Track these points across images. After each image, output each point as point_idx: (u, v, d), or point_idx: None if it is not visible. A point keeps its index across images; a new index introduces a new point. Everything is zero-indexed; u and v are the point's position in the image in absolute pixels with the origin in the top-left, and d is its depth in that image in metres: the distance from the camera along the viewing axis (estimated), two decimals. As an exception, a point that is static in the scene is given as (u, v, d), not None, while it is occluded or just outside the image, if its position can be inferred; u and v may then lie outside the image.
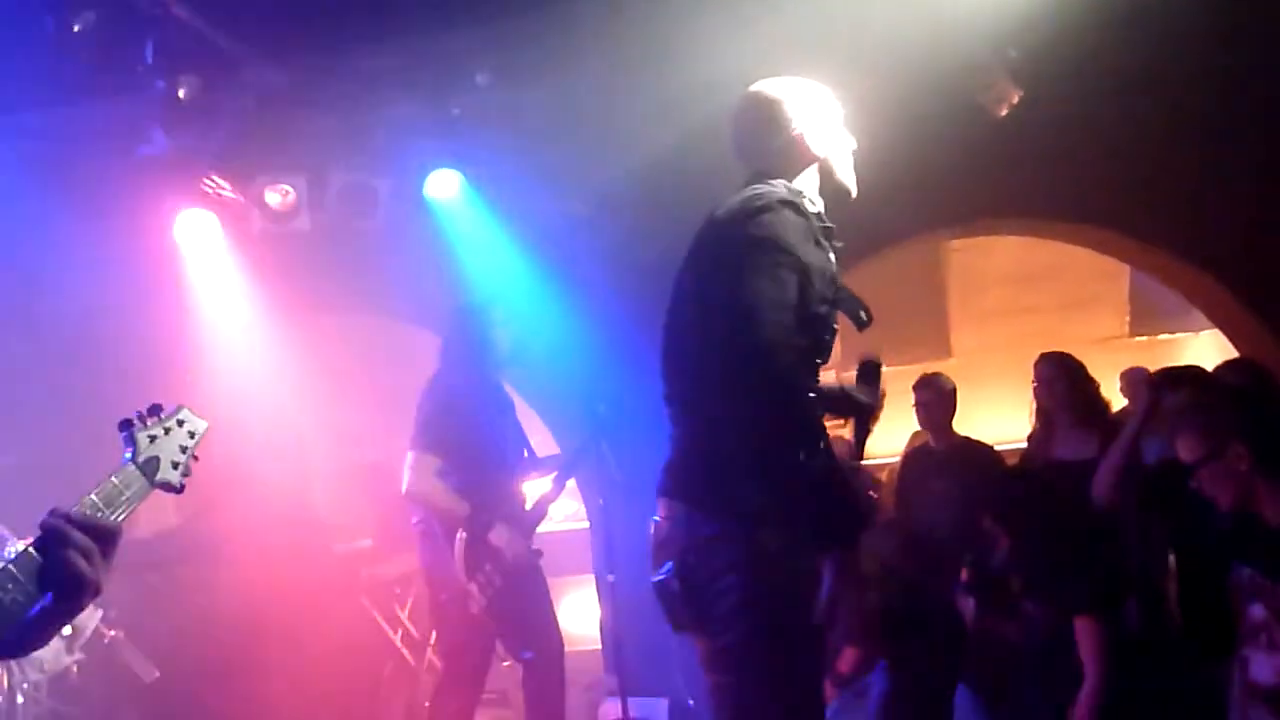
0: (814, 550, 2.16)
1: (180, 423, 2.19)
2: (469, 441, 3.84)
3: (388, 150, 4.83)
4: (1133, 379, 5.07)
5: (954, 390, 4.75)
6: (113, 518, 1.92)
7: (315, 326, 5.90)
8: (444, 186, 4.97)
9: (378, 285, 5.40)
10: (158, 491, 2.21)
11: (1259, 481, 2.42)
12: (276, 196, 4.82)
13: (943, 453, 4.73)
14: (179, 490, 2.15)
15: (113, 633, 4.41)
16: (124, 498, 2.05)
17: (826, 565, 2.21)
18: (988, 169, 4.76)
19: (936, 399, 4.70)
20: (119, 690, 4.49)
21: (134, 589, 4.47)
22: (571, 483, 4.52)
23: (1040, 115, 4.47)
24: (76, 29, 3.88)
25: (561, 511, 6.23)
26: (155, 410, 2.16)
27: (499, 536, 3.80)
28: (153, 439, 2.12)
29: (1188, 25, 4.40)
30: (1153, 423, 3.37)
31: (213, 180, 4.75)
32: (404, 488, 3.81)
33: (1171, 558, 3.41)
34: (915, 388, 4.78)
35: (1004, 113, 4.46)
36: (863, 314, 2.30)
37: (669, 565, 2.23)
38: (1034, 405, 4.33)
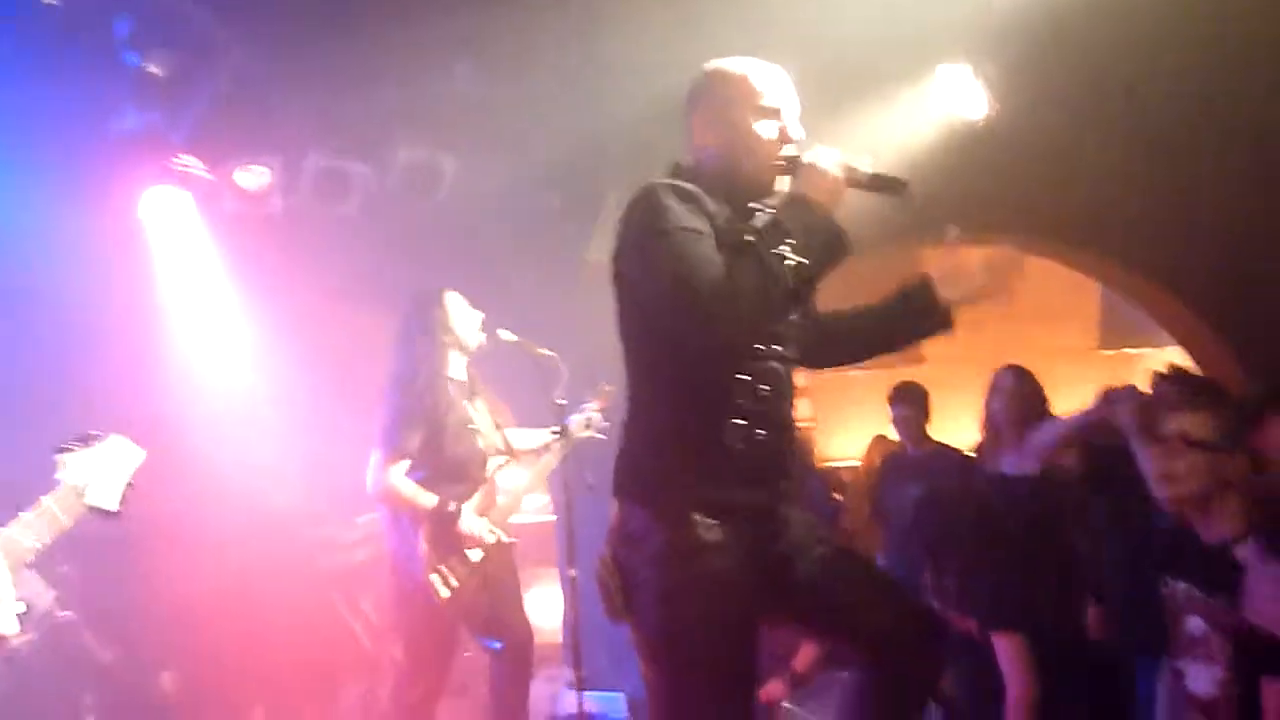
0: (734, 545, 2.17)
1: (115, 449, 2.27)
2: (436, 434, 3.81)
3: (364, 136, 4.79)
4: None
5: (926, 395, 4.79)
6: (46, 538, 2.01)
7: (286, 311, 5.83)
8: (423, 176, 4.93)
9: (350, 272, 5.35)
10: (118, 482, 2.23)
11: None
12: (250, 178, 4.77)
13: (918, 457, 4.77)
14: (114, 515, 2.21)
15: (65, 613, 4.35)
16: (57, 518, 2.13)
17: None
18: (960, 180, 4.80)
19: (914, 414, 4.75)
20: (71, 671, 4.43)
21: (89, 568, 4.41)
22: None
23: (1013, 129, 4.52)
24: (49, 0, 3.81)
25: (533, 503, 6.22)
26: (89, 437, 2.23)
27: (467, 529, 3.78)
28: (87, 463, 2.18)
29: (1161, 46, 4.45)
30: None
31: (184, 159, 4.68)
32: (369, 488, 3.77)
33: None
34: (892, 401, 4.80)
35: (981, 125, 4.50)
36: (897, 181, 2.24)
37: (603, 554, 2.29)
38: (983, 416, 4.35)
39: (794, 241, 2.08)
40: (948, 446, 4.82)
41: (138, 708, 4.68)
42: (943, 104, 4.42)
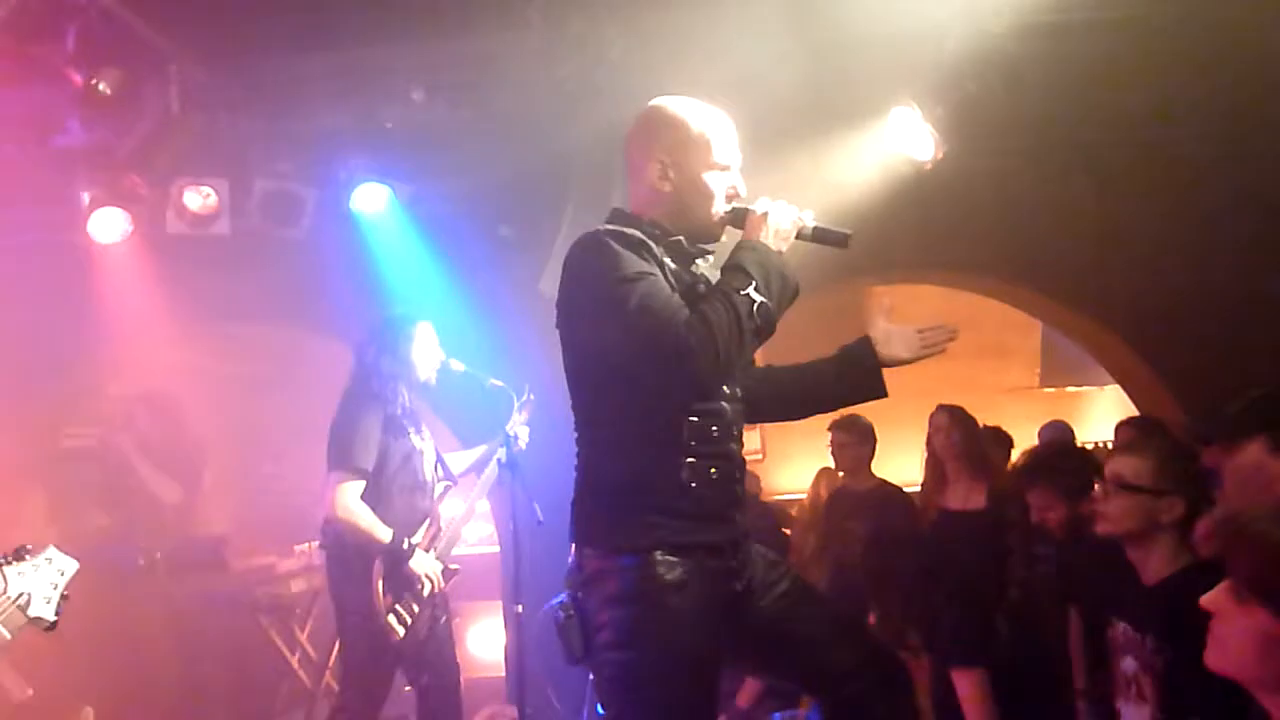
0: (695, 583, 2.15)
1: (49, 560, 2.37)
2: (387, 464, 3.76)
3: (316, 159, 4.75)
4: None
5: (871, 429, 4.84)
6: None
7: (229, 335, 5.74)
8: (371, 200, 4.90)
9: (298, 296, 5.28)
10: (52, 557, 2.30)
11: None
12: (197, 198, 4.69)
13: (860, 494, 4.81)
14: (52, 626, 2.27)
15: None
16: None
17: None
18: (908, 220, 4.89)
19: (855, 440, 4.78)
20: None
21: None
22: (484, 505, 4.46)
23: (959, 170, 4.62)
24: (-7, 13, 3.73)
25: (476, 534, 6.15)
26: (23, 551, 2.34)
27: (420, 566, 3.73)
28: (22, 575, 2.31)
29: (1102, 88, 4.59)
30: None
31: (130, 178, 4.60)
32: (328, 510, 3.68)
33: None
34: (832, 428, 4.86)
35: (929, 167, 4.58)
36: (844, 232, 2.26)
37: (561, 598, 2.27)
38: (925, 455, 4.42)
39: (755, 282, 2.11)
40: (888, 484, 4.88)
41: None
42: (891, 144, 4.50)
